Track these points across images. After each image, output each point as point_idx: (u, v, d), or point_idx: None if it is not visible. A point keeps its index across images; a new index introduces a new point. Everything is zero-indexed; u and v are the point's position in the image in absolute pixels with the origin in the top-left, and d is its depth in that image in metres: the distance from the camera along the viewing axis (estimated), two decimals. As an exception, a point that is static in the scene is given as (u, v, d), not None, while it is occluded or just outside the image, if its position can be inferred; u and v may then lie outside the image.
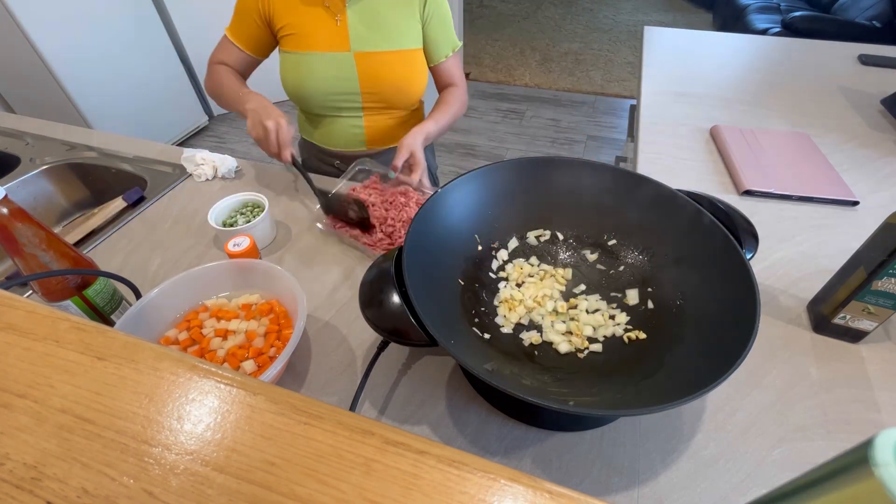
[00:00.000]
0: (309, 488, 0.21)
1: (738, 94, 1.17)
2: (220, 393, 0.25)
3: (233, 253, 0.64)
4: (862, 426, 0.50)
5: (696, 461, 0.47)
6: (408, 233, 0.50)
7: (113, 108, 2.18)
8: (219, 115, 2.83)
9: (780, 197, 0.82)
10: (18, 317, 0.28)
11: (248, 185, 0.88)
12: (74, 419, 0.23)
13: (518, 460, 0.48)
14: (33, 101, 2.09)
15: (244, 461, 0.22)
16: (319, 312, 0.63)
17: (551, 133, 2.55)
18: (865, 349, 0.58)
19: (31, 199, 0.93)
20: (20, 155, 0.96)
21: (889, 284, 0.52)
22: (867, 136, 1.00)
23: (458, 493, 0.21)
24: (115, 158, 0.95)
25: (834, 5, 2.87)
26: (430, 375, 0.55)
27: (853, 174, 0.87)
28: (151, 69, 2.31)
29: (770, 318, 0.62)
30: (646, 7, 4.39)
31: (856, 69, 1.30)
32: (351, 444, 0.22)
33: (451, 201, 0.58)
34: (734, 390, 0.53)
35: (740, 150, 0.92)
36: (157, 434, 0.23)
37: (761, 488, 0.45)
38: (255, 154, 2.50)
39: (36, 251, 0.48)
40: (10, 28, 1.81)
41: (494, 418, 0.51)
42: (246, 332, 0.55)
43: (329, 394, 0.54)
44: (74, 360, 0.26)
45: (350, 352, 0.58)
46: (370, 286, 0.48)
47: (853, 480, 0.14)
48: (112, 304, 0.57)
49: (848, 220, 0.78)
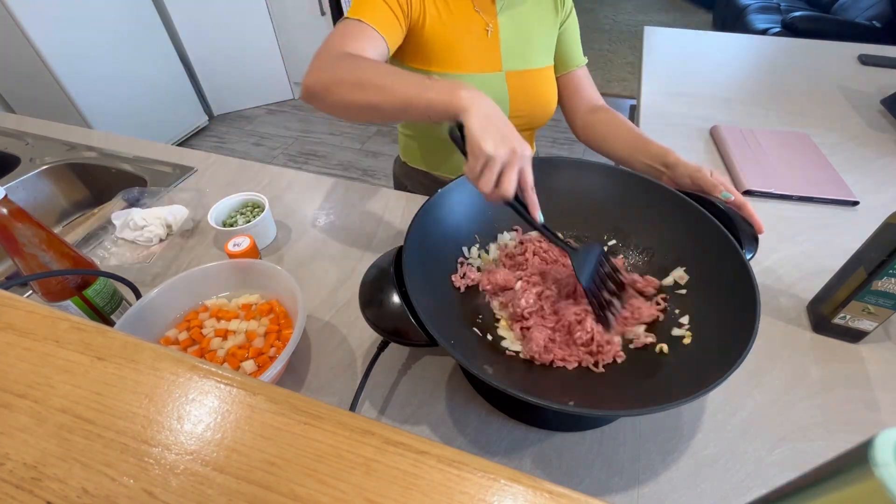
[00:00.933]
0: (309, 488, 0.21)
1: (738, 94, 1.17)
2: (220, 393, 0.25)
3: (233, 253, 0.64)
4: (862, 426, 0.50)
5: (696, 461, 0.47)
6: (408, 233, 0.50)
7: (113, 108, 2.18)
8: (219, 115, 2.83)
9: (780, 197, 0.82)
10: (18, 317, 0.28)
11: (248, 185, 0.88)
12: (74, 419, 0.23)
13: (518, 460, 0.48)
14: (33, 101, 2.09)
15: (244, 461, 0.22)
16: (319, 312, 0.63)
17: (551, 133, 2.55)
18: (865, 349, 0.58)
19: (31, 199, 0.93)
20: (20, 155, 0.96)
21: (889, 284, 0.52)
22: (867, 136, 1.00)
23: (458, 493, 0.21)
24: (115, 158, 0.95)
25: (834, 5, 2.87)
26: (430, 375, 0.55)
27: (853, 174, 0.87)
28: (151, 69, 2.31)
29: (770, 318, 0.62)
30: (646, 7, 4.39)
31: (856, 69, 1.30)
32: (351, 444, 0.22)
33: (451, 201, 0.58)
34: (734, 390, 0.53)
35: (740, 150, 0.92)
36: (157, 434, 0.23)
37: (761, 488, 0.45)
38: (255, 154, 2.50)
39: (36, 251, 0.48)
40: (10, 28, 1.81)
41: (494, 418, 0.51)
42: (246, 332, 0.55)
43: (329, 394, 0.54)
44: (74, 360, 0.26)
45: (350, 352, 0.58)
46: (370, 286, 0.48)
47: (853, 480, 0.14)
48: (112, 304, 0.57)
49: (848, 220, 0.78)
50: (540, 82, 0.80)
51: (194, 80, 2.61)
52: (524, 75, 0.78)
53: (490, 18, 0.74)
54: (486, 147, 0.45)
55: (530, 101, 0.80)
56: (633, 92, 2.88)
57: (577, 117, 0.87)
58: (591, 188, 0.62)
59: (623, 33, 3.81)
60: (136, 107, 2.28)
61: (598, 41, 3.66)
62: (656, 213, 0.58)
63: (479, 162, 0.46)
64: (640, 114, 1.09)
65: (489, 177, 0.46)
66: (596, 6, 4.38)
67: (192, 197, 0.81)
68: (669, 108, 1.10)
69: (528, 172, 0.49)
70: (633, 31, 3.84)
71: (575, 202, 0.63)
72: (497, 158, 0.45)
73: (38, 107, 2.08)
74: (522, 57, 0.77)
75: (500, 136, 0.46)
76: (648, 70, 1.27)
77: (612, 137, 0.80)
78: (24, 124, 1.07)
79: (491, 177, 0.46)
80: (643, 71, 1.27)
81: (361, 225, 0.78)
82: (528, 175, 0.48)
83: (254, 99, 2.89)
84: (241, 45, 2.60)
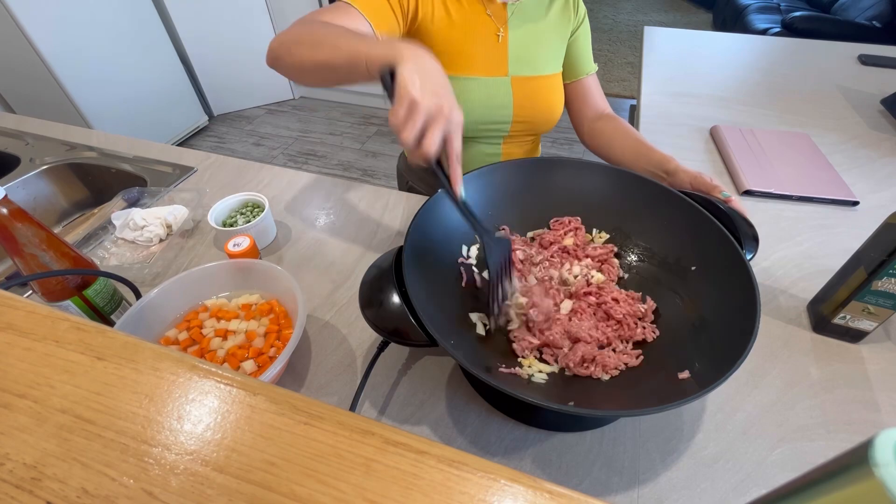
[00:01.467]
0: (309, 488, 0.21)
1: (738, 94, 1.17)
2: (220, 393, 0.25)
3: (233, 253, 0.64)
4: (862, 426, 0.50)
5: (696, 461, 0.47)
6: (408, 233, 0.50)
7: (113, 108, 2.18)
8: (219, 115, 2.83)
9: (780, 197, 0.82)
10: (18, 317, 0.28)
11: (248, 185, 0.88)
12: (74, 419, 0.23)
13: (518, 460, 0.48)
14: (33, 101, 2.09)
15: (244, 461, 0.22)
16: (319, 312, 0.63)
17: (551, 133, 2.55)
18: (865, 349, 0.58)
19: (31, 199, 0.93)
20: (20, 155, 0.96)
21: (889, 284, 0.52)
22: (867, 136, 1.00)
23: (458, 493, 0.21)
24: (115, 158, 0.95)
25: (834, 5, 2.87)
26: (430, 375, 0.55)
27: (853, 174, 0.87)
28: (151, 69, 2.31)
29: (770, 318, 0.62)
30: (646, 7, 4.39)
31: (856, 69, 1.30)
32: (351, 444, 0.22)
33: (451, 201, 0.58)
34: (734, 390, 0.53)
35: (740, 150, 0.92)
36: (157, 434, 0.23)
37: (761, 488, 0.45)
38: (255, 154, 2.50)
39: (36, 251, 0.48)
40: (10, 28, 1.81)
41: (494, 418, 0.51)
42: (246, 332, 0.55)
43: (329, 394, 0.54)
44: (74, 360, 0.26)
45: (350, 352, 0.58)
46: (370, 286, 0.48)
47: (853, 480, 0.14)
48: (112, 304, 0.57)
49: (848, 220, 0.78)
50: (546, 89, 0.80)
51: (194, 80, 2.61)
52: (530, 81, 0.78)
53: (501, 24, 0.74)
54: (412, 90, 0.42)
55: (534, 107, 0.80)
56: (633, 92, 2.88)
57: (583, 124, 0.88)
58: (592, 188, 0.62)
59: (623, 33, 3.81)
60: (136, 107, 2.28)
61: (598, 41, 3.66)
62: (656, 213, 0.58)
63: (402, 106, 0.43)
64: (640, 114, 1.09)
65: (412, 126, 0.43)
66: (596, 6, 4.38)
67: (192, 197, 0.81)
68: (669, 108, 1.10)
69: (457, 140, 0.46)
70: (633, 31, 3.84)
71: (575, 202, 0.63)
72: (422, 106, 0.42)
73: (38, 107, 2.08)
74: (530, 64, 0.77)
75: (431, 89, 0.43)
76: (648, 70, 1.27)
77: (616, 144, 0.81)
78: (24, 124, 1.07)
79: (414, 127, 0.43)
80: (643, 71, 1.27)
81: (361, 225, 0.78)
82: (455, 143, 0.45)
83: (254, 99, 2.89)
84: (241, 45, 2.60)
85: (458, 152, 0.46)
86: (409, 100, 0.42)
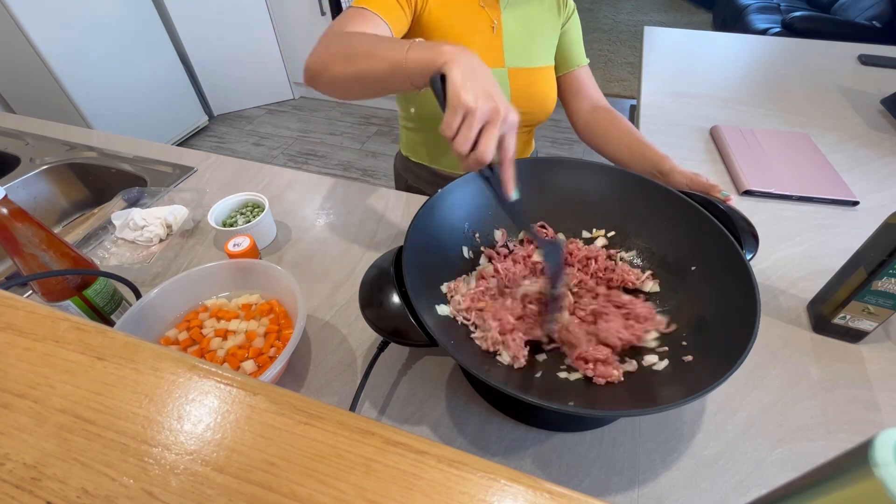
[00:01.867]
0: (309, 488, 0.21)
1: (738, 94, 1.17)
2: (220, 393, 0.25)
3: (233, 253, 0.64)
4: (862, 426, 0.50)
5: (696, 461, 0.47)
6: (408, 233, 0.50)
7: (113, 108, 2.18)
8: (219, 115, 2.84)
9: (780, 197, 0.82)
10: (18, 317, 0.28)
11: (248, 185, 0.88)
12: (74, 419, 0.23)
13: (518, 460, 0.48)
14: (33, 101, 2.09)
15: (244, 461, 0.22)
16: (319, 312, 0.63)
17: (551, 133, 2.55)
18: (865, 349, 0.58)
19: (31, 199, 0.93)
20: (20, 155, 0.96)
21: (889, 284, 0.52)
22: (867, 136, 1.00)
23: (458, 493, 0.21)
24: (115, 158, 0.95)
25: (834, 5, 2.87)
26: (430, 375, 0.55)
27: (853, 174, 0.87)
28: (151, 69, 2.31)
29: (770, 318, 0.62)
30: (646, 7, 4.39)
31: (856, 69, 1.30)
32: (351, 444, 0.22)
33: (451, 201, 0.58)
34: (734, 390, 0.53)
35: (740, 150, 0.92)
36: (157, 434, 0.23)
37: (761, 488, 0.45)
38: (255, 154, 2.50)
39: (36, 251, 0.48)
40: (10, 28, 1.81)
41: (494, 418, 0.51)
42: (246, 332, 0.55)
43: (329, 394, 0.54)
44: (74, 360, 0.26)
45: (350, 352, 0.58)
46: (370, 286, 0.48)
47: (853, 480, 0.14)
48: (112, 304, 0.57)
49: (848, 220, 0.78)
50: (541, 81, 0.81)
51: (194, 80, 2.61)
52: (526, 73, 0.79)
53: (495, 15, 0.75)
54: (467, 97, 0.40)
55: (531, 99, 0.80)
56: (633, 92, 2.88)
57: (579, 117, 0.88)
58: (592, 188, 0.62)
59: (623, 33, 3.81)
60: (136, 107, 2.28)
61: (598, 41, 3.66)
62: (656, 213, 0.58)
63: (456, 114, 0.41)
64: (640, 114, 1.09)
65: (467, 133, 0.40)
66: (596, 6, 4.38)
67: (192, 197, 0.81)
68: (669, 108, 1.10)
69: (512, 141, 0.43)
70: (633, 31, 3.84)
71: (575, 202, 0.63)
72: (477, 112, 0.40)
73: (38, 107, 2.08)
74: (524, 55, 0.78)
75: (484, 92, 0.41)
76: (648, 70, 1.27)
77: (612, 140, 0.81)
78: (24, 124, 1.07)
79: (469, 134, 0.40)
80: (643, 71, 1.27)
81: (361, 225, 0.78)
82: (510, 144, 0.43)
83: (254, 99, 2.89)
84: (241, 46, 2.60)
85: (513, 154, 0.44)
86: (464, 108, 0.41)
